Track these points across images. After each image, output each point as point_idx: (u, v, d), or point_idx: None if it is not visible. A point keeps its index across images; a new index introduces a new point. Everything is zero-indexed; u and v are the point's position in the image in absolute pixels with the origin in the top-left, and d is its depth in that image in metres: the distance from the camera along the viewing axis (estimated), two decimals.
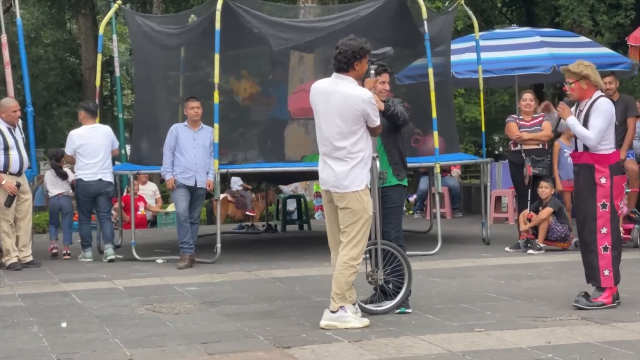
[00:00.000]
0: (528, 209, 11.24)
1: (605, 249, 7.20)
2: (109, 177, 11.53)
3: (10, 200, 10.73)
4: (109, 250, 11.45)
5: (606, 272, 7.21)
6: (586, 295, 7.29)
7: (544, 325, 6.67)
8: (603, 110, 7.23)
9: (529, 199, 11.28)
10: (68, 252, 11.91)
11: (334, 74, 6.78)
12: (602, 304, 7.20)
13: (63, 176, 12.12)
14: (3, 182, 10.68)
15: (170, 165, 10.76)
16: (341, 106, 6.63)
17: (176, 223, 10.99)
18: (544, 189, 11.16)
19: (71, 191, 12.10)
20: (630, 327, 6.52)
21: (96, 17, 29.75)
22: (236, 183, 19.33)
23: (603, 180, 7.18)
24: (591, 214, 7.20)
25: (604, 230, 7.19)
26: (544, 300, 7.68)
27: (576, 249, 11.05)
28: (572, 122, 7.27)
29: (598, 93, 7.34)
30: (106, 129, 11.80)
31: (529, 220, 11.16)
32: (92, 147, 11.41)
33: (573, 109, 7.44)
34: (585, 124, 7.24)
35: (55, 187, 12.16)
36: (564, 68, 7.47)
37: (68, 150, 11.56)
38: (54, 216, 12.28)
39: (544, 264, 10.10)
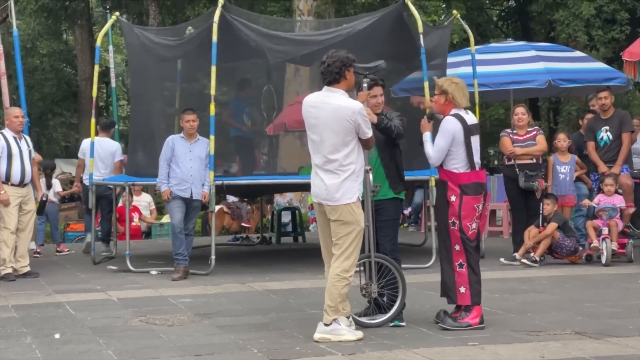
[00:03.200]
0: (540, 223, 11.21)
1: (461, 265, 7.10)
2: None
3: (41, 206, 12.01)
4: (100, 247, 12.93)
5: (462, 289, 7.10)
6: (446, 313, 7.20)
7: (537, 339, 6.67)
8: (444, 129, 7.12)
9: (540, 212, 11.26)
10: (59, 249, 13.75)
11: (325, 88, 6.82)
12: (468, 324, 7.07)
13: (48, 185, 13.88)
14: (2, 192, 10.69)
15: (166, 176, 10.76)
16: (332, 118, 6.66)
17: (171, 234, 10.98)
18: (546, 206, 11.16)
19: (54, 199, 14.11)
20: (624, 342, 6.52)
21: (92, 28, 29.83)
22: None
23: (453, 199, 7.08)
24: (444, 230, 7.17)
25: (457, 248, 7.10)
26: (537, 315, 7.68)
27: (587, 262, 11.10)
28: (426, 138, 7.25)
29: (453, 111, 7.21)
30: (108, 143, 13.08)
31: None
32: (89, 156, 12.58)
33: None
34: None
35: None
36: (436, 80, 7.41)
37: (79, 154, 13.23)
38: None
39: (538, 278, 10.11)
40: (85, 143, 13.09)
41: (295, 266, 11.54)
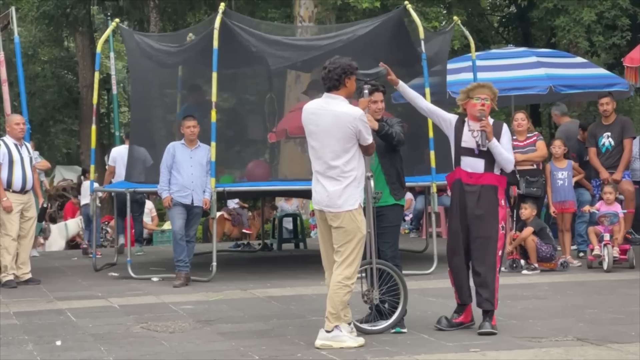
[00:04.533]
0: (514, 229, 11.25)
1: (499, 271, 7.23)
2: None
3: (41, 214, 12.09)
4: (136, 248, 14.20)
5: (498, 295, 7.19)
6: (447, 319, 7.26)
7: (539, 345, 6.66)
8: (510, 135, 7.34)
9: (514, 219, 11.29)
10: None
11: (325, 94, 6.82)
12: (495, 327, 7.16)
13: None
14: (4, 199, 10.69)
15: (167, 183, 10.75)
16: (333, 125, 6.66)
17: (172, 241, 10.98)
18: (524, 211, 11.15)
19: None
20: (626, 348, 6.51)
21: (94, 34, 29.83)
22: (233, 201, 19.32)
23: (503, 202, 7.22)
24: (493, 235, 7.14)
25: (500, 253, 7.20)
26: (539, 321, 7.67)
27: (563, 269, 11.08)
28: (496, 143, 7.17)
29: (491, 119, 7.32)
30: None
31: (514, 240, 11.18)
32: (121, 163, 13.18)
33: (466, 129, 7.30)
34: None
35: (84, 197, 14.79)
36: (484, 83, 7.38)
37: (109, 161, 13.75)
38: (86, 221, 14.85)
39: (540, 284, 10.09)
40: (115, 151, 13.80)
41: (297, 273, 11.53)
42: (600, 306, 8.42)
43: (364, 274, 7.22)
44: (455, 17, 13.33)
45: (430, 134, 11.12)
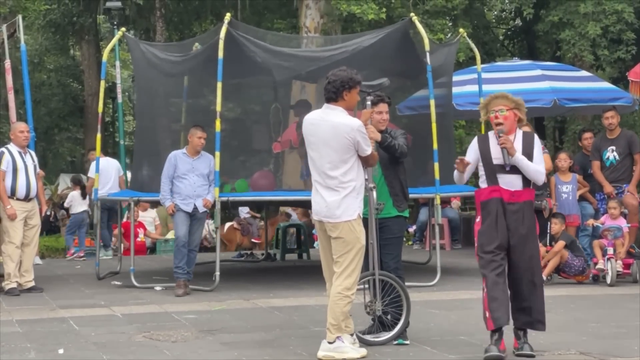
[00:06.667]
0: (547, 242, 11.13)
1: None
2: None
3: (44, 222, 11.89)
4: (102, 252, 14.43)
5: (546, 313, 6.93)
6: (496, 346, 6.67)
7: (542, 359, 6.64)
8: (541, 146, 7.00)
9: (548, 231, 11.19)
10: (82, 255, 15.30)
11: (325, 105, 6.83)
12: None
13: (84, 195, 15.75)
14: (8, 206, 10.71)
15: (169, 192, 10.72)
16: (330, 135, 6.67)
17: (174, 247, 10.97)
18: (553, 225, 11.11)
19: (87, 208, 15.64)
20: None
21: (99, 43, 29.91)
22: (243, 211, 19.31)
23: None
24: (536, 254, 6.87)
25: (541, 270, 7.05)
26: (542, 334, 7.63)
27: (594, 282, 11.04)
28: (520, 157, 6.77)
29: (520, 130, 7.01)
30: (115, 162, 15.07)
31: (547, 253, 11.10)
32: (106, 174, 14.21)
33: (493, 143, 6.89)
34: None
35: (81, 205, 15.79)
36: (498, 94, 7.02)
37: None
38: (74, 227, 15.86)
39: None
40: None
41: (300, 283, 11.52)
42: (603, 320, 8.41)
43: (366, 285, 7.21)
44: (461, 30, 13.35)
45: (435, 146, 11.12)
